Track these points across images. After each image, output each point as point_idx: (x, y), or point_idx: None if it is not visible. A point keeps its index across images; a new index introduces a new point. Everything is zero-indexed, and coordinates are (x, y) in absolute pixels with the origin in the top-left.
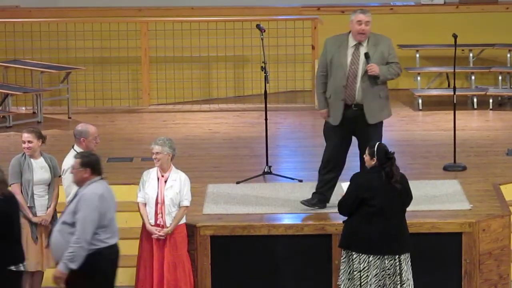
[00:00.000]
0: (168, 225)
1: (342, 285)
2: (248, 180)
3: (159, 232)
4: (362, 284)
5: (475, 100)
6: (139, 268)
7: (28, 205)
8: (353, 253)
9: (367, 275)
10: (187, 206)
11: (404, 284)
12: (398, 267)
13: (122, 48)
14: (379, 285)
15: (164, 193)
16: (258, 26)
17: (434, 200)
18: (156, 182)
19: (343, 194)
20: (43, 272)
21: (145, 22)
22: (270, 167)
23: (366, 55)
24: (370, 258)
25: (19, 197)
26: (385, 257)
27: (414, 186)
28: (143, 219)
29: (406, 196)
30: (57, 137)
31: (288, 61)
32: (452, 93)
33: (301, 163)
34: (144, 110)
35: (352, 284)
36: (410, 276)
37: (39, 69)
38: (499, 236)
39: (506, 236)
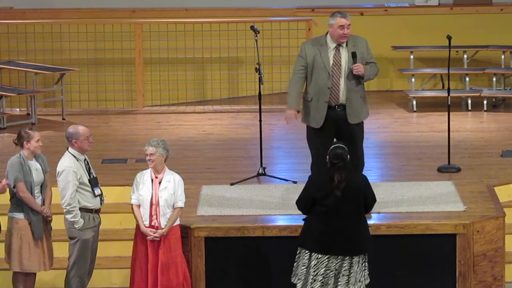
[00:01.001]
0: (162, 226)
1: (293, 280)
2: (242, 182)
3: (153, 233)
4: (309, 280)
5: (469, 101)
6: (135, 270)
7: None
8: (306, 250)
9: (314, 271)
10: (181, 207)
11: (350, 285)
12: (347, 268)
13: (116, 49)
14: (323, 283)
15: (158, 195)
16: (252, 28)
17: (428, 202)
18: (150, 184)
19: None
20: (35, 273)
21: (139, 24)
22: (264, 168)
23: (354, 54)
24: (319, 256)
25: (27, 195)
26: (333, 257)
27: (408, 187)
28: (137, 220)
29: (365, 198)
30: (51, 138)
31: (282, 63)
32: (446, 94)
33: (295, 164)
34: (138, 111)
35: (302, 279)
36: (363, 279)
37: (33, 71)
38: (493, 237)
39: (500, 237)
